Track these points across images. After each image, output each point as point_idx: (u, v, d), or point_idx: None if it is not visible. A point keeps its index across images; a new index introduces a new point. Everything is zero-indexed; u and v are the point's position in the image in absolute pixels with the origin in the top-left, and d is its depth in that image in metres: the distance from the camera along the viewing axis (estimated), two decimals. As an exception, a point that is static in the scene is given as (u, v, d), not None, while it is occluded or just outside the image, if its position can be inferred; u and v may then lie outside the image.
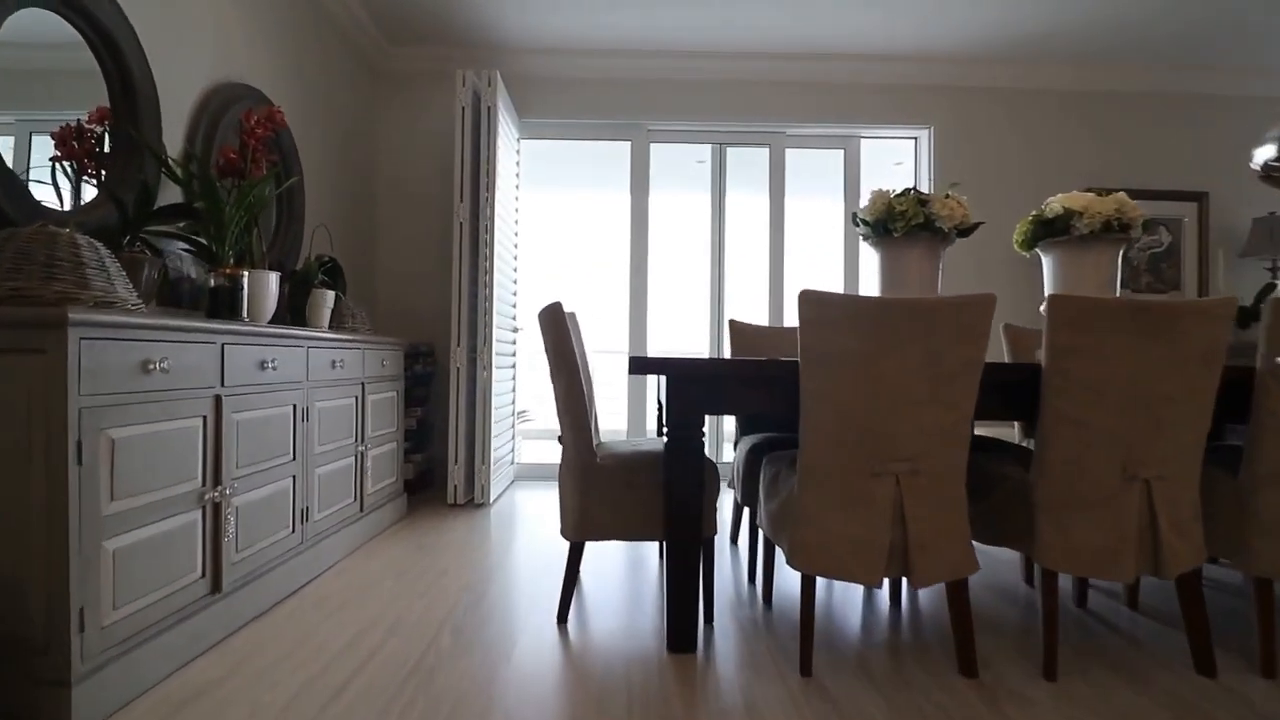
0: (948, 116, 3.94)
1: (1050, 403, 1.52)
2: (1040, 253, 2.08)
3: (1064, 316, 1.48)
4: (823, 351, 1.46)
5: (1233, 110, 4.02)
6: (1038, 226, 2.02)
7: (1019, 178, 3.94)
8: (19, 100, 1.68)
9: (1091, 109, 3.96)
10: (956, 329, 1.44)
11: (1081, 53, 3.73)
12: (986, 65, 3.86)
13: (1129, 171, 3.97)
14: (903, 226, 1.87)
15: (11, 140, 1.66)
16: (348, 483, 2.39)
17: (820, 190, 4.81)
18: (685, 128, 4.01)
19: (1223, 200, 3.97)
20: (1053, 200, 2.02)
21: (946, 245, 1.94)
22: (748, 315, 4.66)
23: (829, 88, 3.94)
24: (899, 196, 1.91)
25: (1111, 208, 1.88)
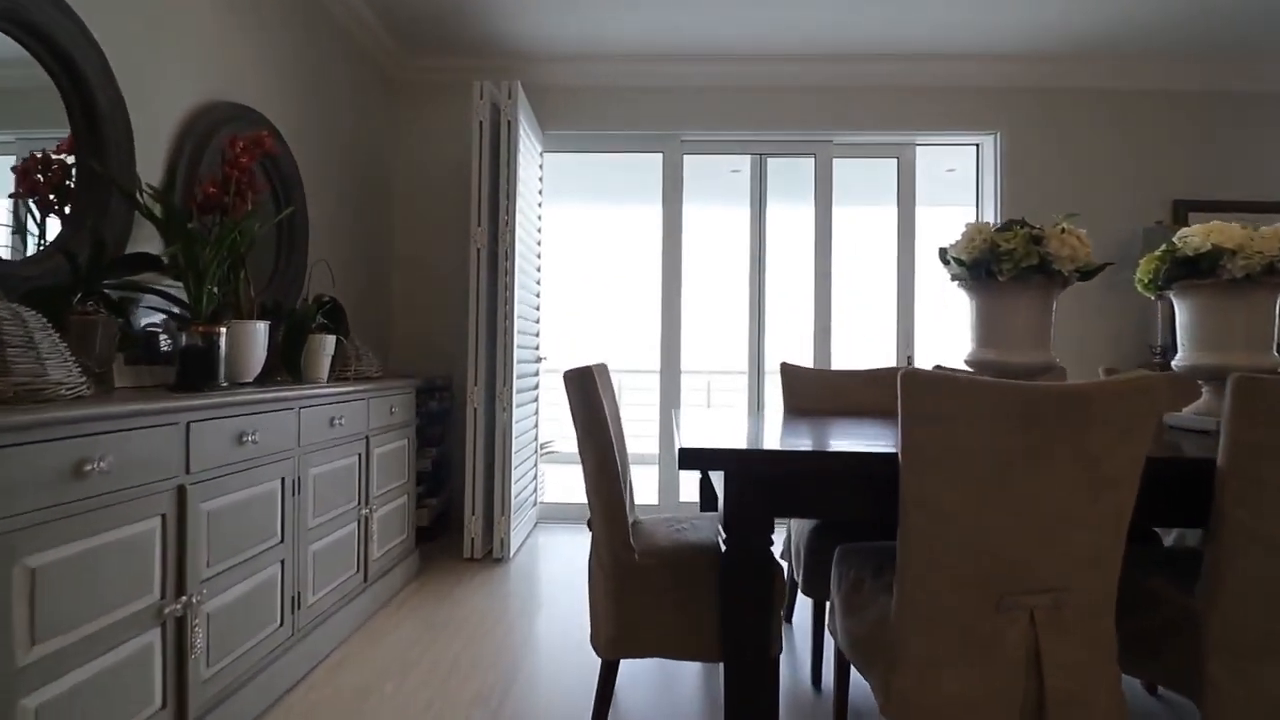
0: (1017, 121, 3.55)
1: (1232, 514, 1.16)
2: (1174, 297, 1.71)
3: (1258, 406, 1.12)
4: (936, 453, 1.12)
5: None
6: (1174, 265, 1.65)
7: (1092, 190, 3.53)
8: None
9: (1174, 111, 3.53)
10: (1120, 422, 1.09)
11: (1172, 47, 3.31)
12: (1060, 63, 3.45)
13: (1220, 182, 3.52)
14: (1010, 269, 1.52)
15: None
16: (349, 553, 2.11)
17: (871, 200, 4.45)
18: (722, 137, 3.68)
19: (1335, 211, 3.50)
20: (1189, 233, 1.65)
21: (1062, 290, 1.59)
22: (791, 336, 4.31)
23: (880, 91, 3.57)
24: (1003, 232, 1.56)
25: (1275, 246, 1.50)
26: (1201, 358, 1.63)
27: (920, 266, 3.73)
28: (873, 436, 1.50)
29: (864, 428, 1.70)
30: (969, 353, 1.68)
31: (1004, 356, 1.59)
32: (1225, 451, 1.16)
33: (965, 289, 1.68)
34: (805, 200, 3.76)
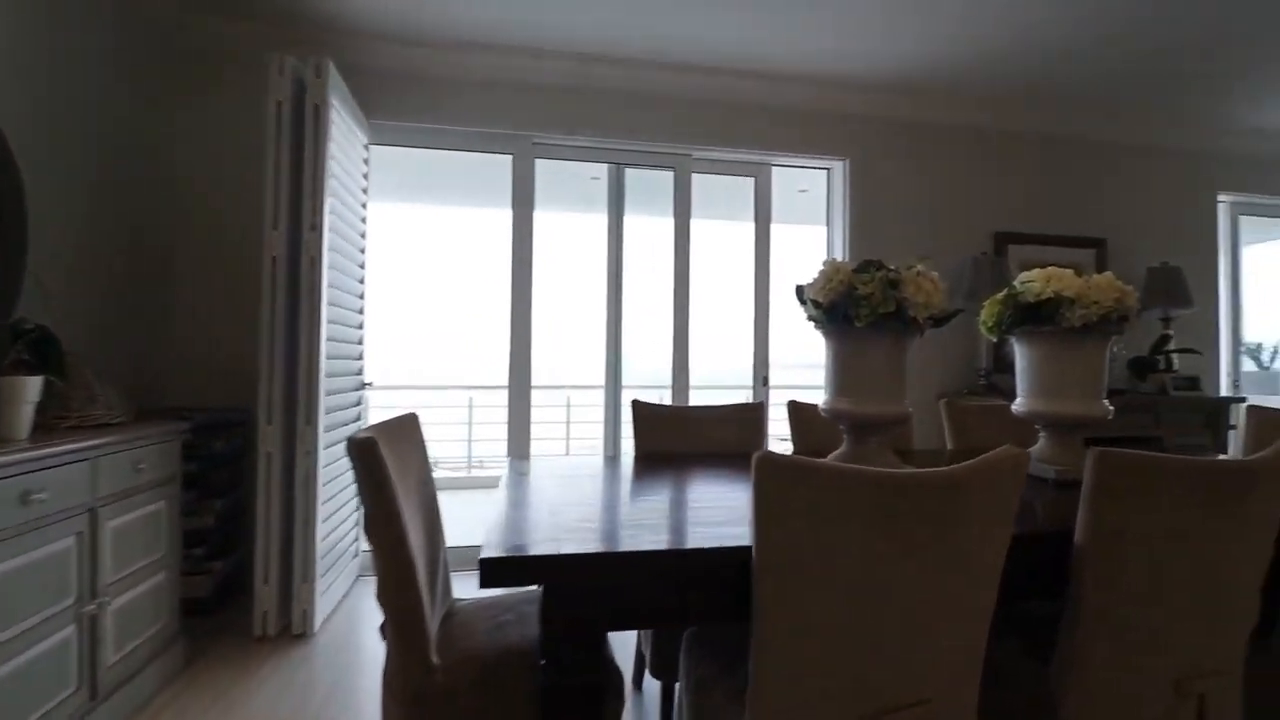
0: (865, 148, 3.64)
1: (1092, 597, 1.08)
2: (1016, 342, 1.69)
3: (1120, 482, 1.04)
4: (796, 554, 0.92)
5: (1130, 158, 4.04)
6: (1016, 311, 1.62)
7: (930, 219, 3.71)
8: None
9: (1002, 150, 3.82)
10: (993, 507, 0.95)
11: (993, 92, 3.55)
12: (907, 97, 3.59)
13: (1035, 216, 3.86)
14: (868, 314, 1.40)
15: None
16: (63, 667, 1.57)
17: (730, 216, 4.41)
18: (577, 143, 3.42)
19: (1118, 249, 3.96)
20: (1029, 278, 1.64)
21: (917, 337, 1.49)
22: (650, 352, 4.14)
23: (739, 109, 3.50)
24: (861, 273, 1.43)
25: (1111, 297, 1.50)
26: (1040, 404, 1.62)
27: (775, 285, 3.72)
28: (733, 503, 1.30)
29: (722, 484, 1.51)
30: (824, 401, 1.54)
31: (860, 407, 1.46)
32: (1085, 529, 1.08)
33: (821, 331, 1.54)
34: (665, 212, 3.60)
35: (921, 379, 3.61)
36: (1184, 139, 4.06)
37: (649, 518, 1.22)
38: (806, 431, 2.06)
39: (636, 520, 1.20)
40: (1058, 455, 1.61)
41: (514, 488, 1.46)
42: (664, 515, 1.25)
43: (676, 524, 1.19)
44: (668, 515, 1.25)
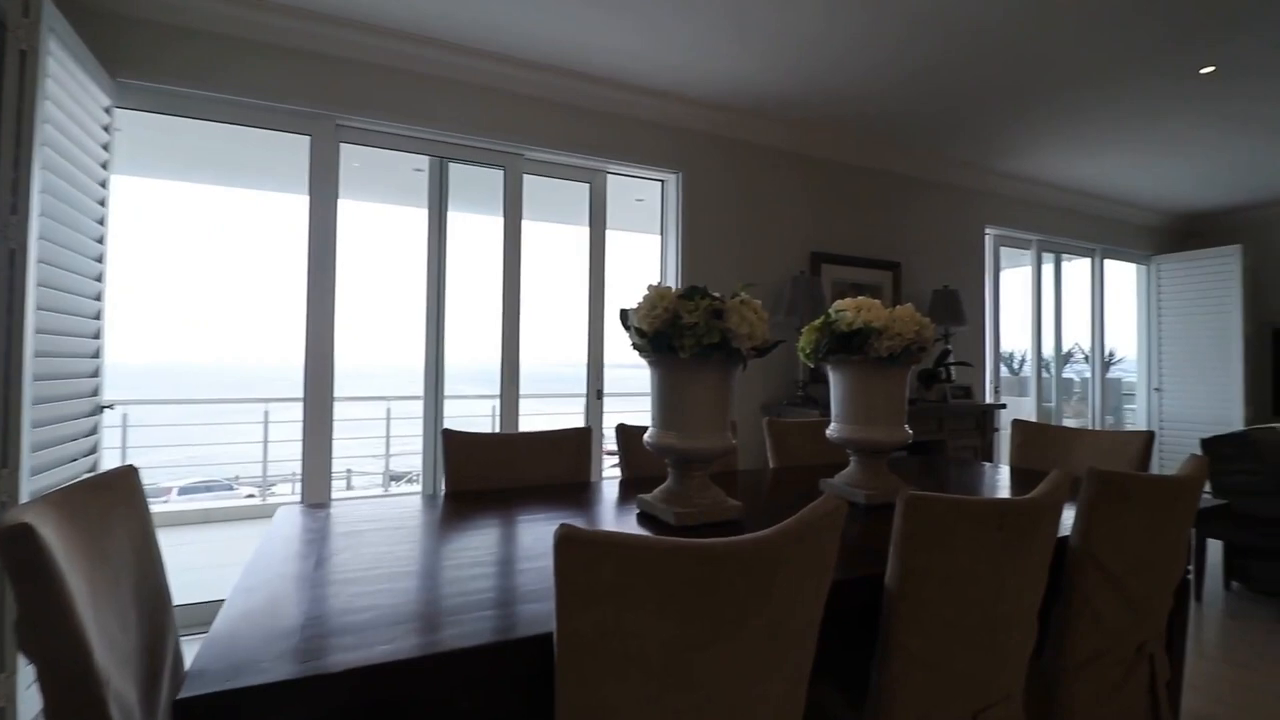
0: (698, 163, 3.68)
1: (902, 640, 1.08)
2: (830, 369, 1.73)
3: (925, 527, 1.04)
4: (600, 643, 0.78)
5: (922, 192, 4.54)
6: (832, 340, 1.65)
7: (756, 236, 3.87)
8: None
9: (819, 175, 4.09)
10: (810, 562, 0.89)
11: (810, 121, 3.78)
12: (735, 116, 3.69)
13: (845, 239, 4.19)
14: (692, 345, 1.31)
15: None
16: None
17: (566, 220, 4.27)
18: (392, 130, 3.06)
19: (911, 272, 4.44)
20: (843, 307, 1.68)
21: (741, 368, 1.44)
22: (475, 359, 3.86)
23: (572, 111, 3.36)
24: (686, 300, 1.35)
25: (913, 329, 1.57)
26: (851, 430, 1.67)
27: (614, 293, 3.65)
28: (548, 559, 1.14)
29: (551, 523, 1.34)
30: (650, 434, 1.45)
31: (685, 441, 1.38)
32: (894, 571, 1.07)
33: (646, 359, 1.44)
34: (495, 211, 3.36)
35: (744, 390, 3.74)
36: (963, 178, 4.66)
37: (459, 592, 1.02)
38: (635, 457, 1.97)
39: (446, 598, 0.99)
40: (868, 479, 1.67)
41: (269, 553, 1.17)
42: (480, 585, 1.06)
43: (503, 595, 1.00)
44: (488, 582, 1.06)
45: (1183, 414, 5.74)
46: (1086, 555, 1.32)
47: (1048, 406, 5.60)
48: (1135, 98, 3.46)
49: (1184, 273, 5.81)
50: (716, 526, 1.37)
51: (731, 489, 1.80)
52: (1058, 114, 3.68)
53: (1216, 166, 4.64)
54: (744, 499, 1.65)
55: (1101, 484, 1.29)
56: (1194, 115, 3.69)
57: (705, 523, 1.39)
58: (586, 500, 1.65)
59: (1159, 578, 1.41)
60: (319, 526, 1.36)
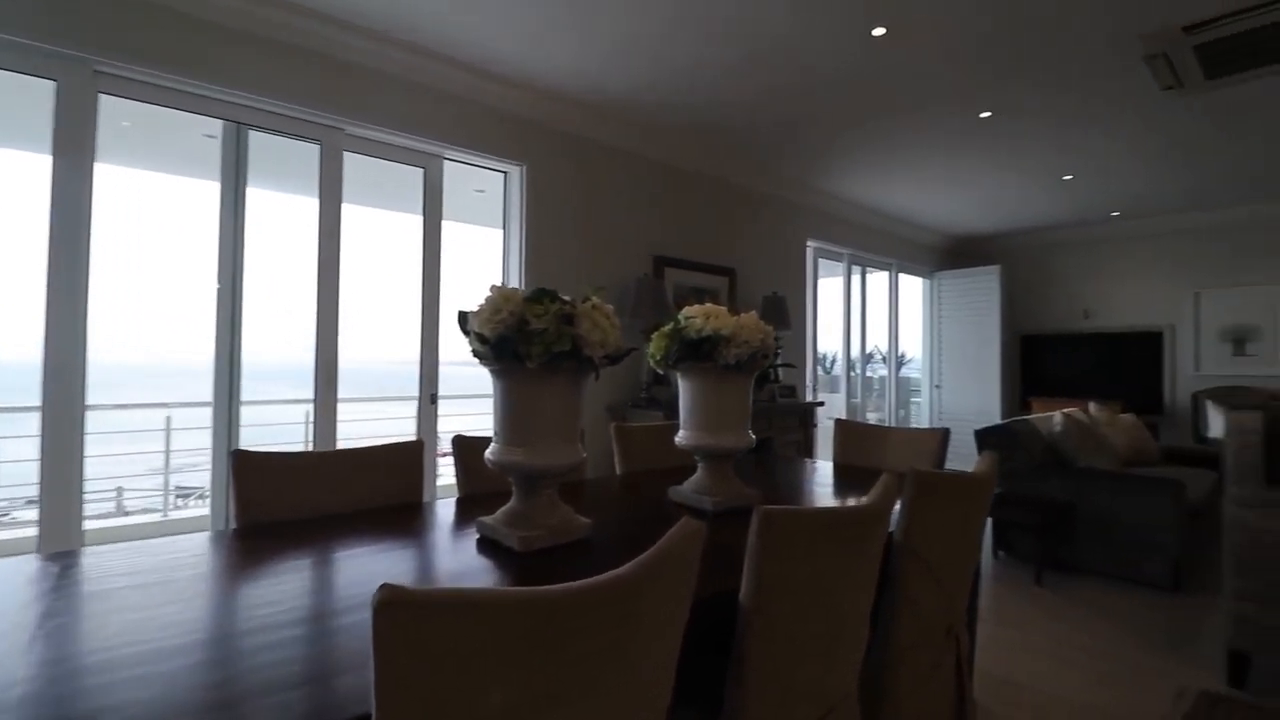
0: (541, 156, 3.54)
1: (757, 654, 1.06)
2: (680, 376, 1.71)
3: (779, 539, 1.03)
4: (429, 713, 0.65)
5: (756, 203, 4.80)
6: (682, 347, 1.63)
7: (601, 235, 3.82)
8: None
9: (664, 179, 4.14)
10: (669, 593, 0.82)
11: (655, 124, 3.82)
12: (581, 111, 3.61)
13: (686, 243, 4.30)
14: (541, 353, 1.20)
15: None
16: None
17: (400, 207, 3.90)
18: (171, 84, 2.54)
19: (744, 278, 4.68)
20: (691, 314, 1.66)
21: (592, 378, 1.36)
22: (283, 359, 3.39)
23: (401, 85, 3.06)
24: (534, 303, 1.23)
25: (758, 337, 1.60)
26: (699, 438, 1.66)
27: (452, 288, 3.38)
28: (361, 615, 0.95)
29: (376, 562, 1.13)
30: (492, 450, 1.31)
31: (533, 458, 1.26)
32: (749, 588, 1.05)
33: (488, 368, 1.30)
34: (311, 190, 2.95)
35: (590, 391, 3.69)
36: (791, 193, 5.02)
37: (251, 667, 0.80)
38: (475, 472, 1.80)
39: (233, 679, 0.77)
40: (715, 485, 1.67)
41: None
42: (282, 655, 0.84)
43: (314, 665, 0.80)
44: (293, 650, 0.85)
45: (957, 407, 6.73)
46: (909, 550, 1.42)
47: (855, 402, 6.25)
48: (931, 134, 3.95)
49: (958, 287, 6.81)
50: (565, 549, 1.27)
51: (579, 501, 1.71)
52: (869, 143, 4.09)
53: (987, 198, 5.49)
54: (593, 512, 1.57)
55: (921, 484, 1.39)
56: (975, 153, 4.30)
57: (553, 545, 1.28)
58: (417, 526, 1.46)
59: (965, 564, 1.57)
60: (50, 588, 1.03)
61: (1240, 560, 2.20)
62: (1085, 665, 2.43)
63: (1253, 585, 2.17)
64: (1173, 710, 2.14)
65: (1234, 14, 2.53)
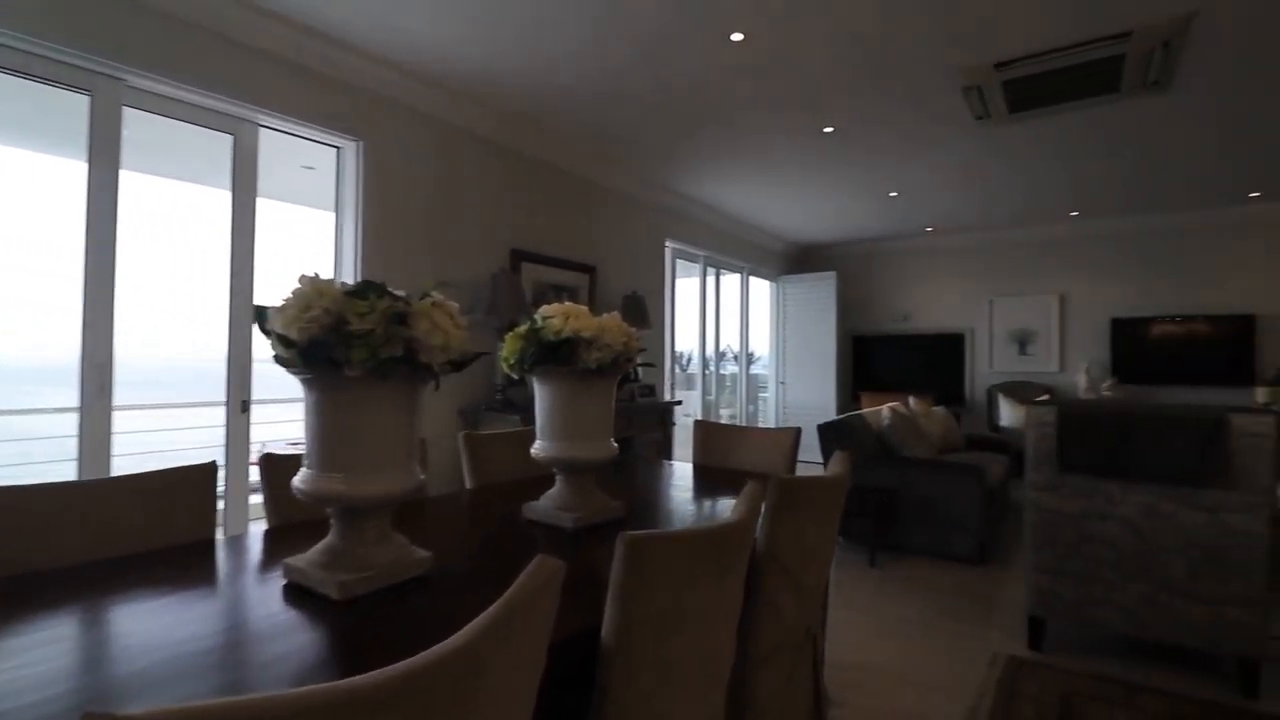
0: (383, 133, 3.18)
1: (621, 694, 0.94)
2: (536, 380, 1.56)
3: (646, 568, 0.92)
4: None
5: (617, 202, 4.73)
6: (539, 349, 1.48)
7: (453, 227, 3.53)
8: None
9: (523, 171, 3.93)
10: (522, 654, 0.68)
11: (515, 111, 3.61)
12: (433, 90, 3.29)
13: (545, 239, 4.12)
14: (365, 358, 0.99)
15: None
16: None
17: (208, 179, 3.33)
18: None
19: (605, 276, 4.60)
20: (549, 314, 1.52)
21: (431, 387, 1.16)
22: (44, 349, 2.77)
23: (209, 37, 2.58)
24: (358, 298, 1.02)
25: (621, 340, 1.49)
26: (559, 448, 1.52)
27: (271, 275, 2.92)
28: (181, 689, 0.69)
29: (133, 629, 0.85)
30: (302, 477, 1.07)
31: (357, 487, 1.05)
32: (613, 625, 0.93)
33: (296, 376, 1.06)
34: (79, 152, 2.38)
35: (436, 395, 3.40)
36: (650, 193, 5.02)
37: None
38: (288, 499, 1.51)
39: None
40: (576, 500, 1.54)
41: None
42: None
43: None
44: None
45: (800, 402, 7.20)
46: (771, 558, 1.39)
47: (710, 399, 6.46)
48: (781, 145, 4.12)
49: (800, 290, 7.29)
50: (398, 591, 1.08)
51: (420, 527, 1.50)
52: (725, 148, 4.18)
53: (827, 210, 5.90)
54: (436, 540, 1.38)
55: (785, 492, 1.37)
56: (818, 166, 4.57)
57: (383, 587, 1.08)
58: (207, 573, 1.17)
59: (823, 565, 1.58)
60: None
61: (1036, 536, 2.50)
62: (914, 639, 2.63)
63: (1047, 560, 2.47)
64: (988, 675, 2.38)
65: (1036, 55, 2.88)
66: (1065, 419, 2.40)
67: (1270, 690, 2.20)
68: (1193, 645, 2.22)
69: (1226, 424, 2.14)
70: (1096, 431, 2.35)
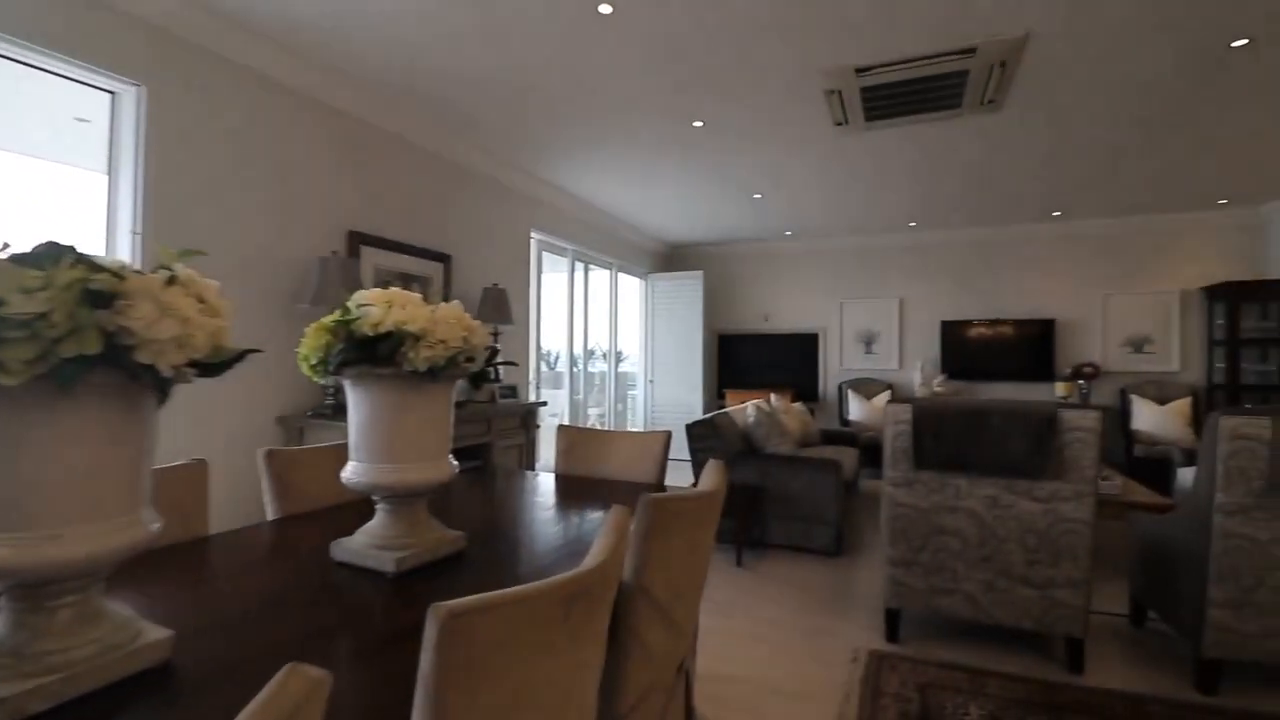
0: (173, 78, 2.59)
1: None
2: (349, 385, 1.24)
3: (470, 655, 0.67)
4: None
5: (477, 186, 4.33)
6: (351, 346, 1.16)
7: (270, 200, 3.00)
8: None
9: (363, 142, 3.43)
10: None
11: (354, 72, 3.13)
12: (240, 33, 2.74)
13: (392, 221, 3.66)
14: (31, 359, 0.65)
15: None
16: None
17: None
18: None
19: (462, 266, 4.21)
20: (366, 300, 1.21)
21: (158, 401, 0.82)
22: None
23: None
24: (30, 266, 0.66)
25: (459, 335, 1.22)
26: (379, 472, 1.21)
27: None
28: None
29: None
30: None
31: (25, 556, 0.69)
32: (426, 692, 0.67)
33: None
34: None
35: (248, 398, 2.86)
36: (514, 180, 4.68)
37: None
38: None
39: None
40: (401, 533, 1.24)
41: None
42: None
43: None
44: None
45: (668, 400, 7.20)
46: (640, 592, 1.19)
47: (578, 399, 6.23)
48: (650, 138, 3.98)
49: (668, 289, 7.29)
50: (115, 695, 0.73)
51: (181, 580, 1.12)
52: (593, 139, 3.97)
53: (695, 209, 5.89)
54: (199, 600, 1.02)
55: (658, 515, 1.18)
56: (687, 163, 4.50)
57: (88, 693, 0.73)
58: None
59: (696, 591, 1.41)
60: None
61: (893, 531, 2.54)
62: (781, 641, 2.59)
63: (902, 553, 2.52)
64: (851, 673, 2.37)
65: (893, 64, 2.95)
66: (919, 417, 2.46)
67: (1093, 664, 2.39)
68: (1029, 628, 2.36)
69: (1057, 419, 2.28)
70: (947, 428, 2.42)
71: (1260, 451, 2.03)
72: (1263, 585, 2.06)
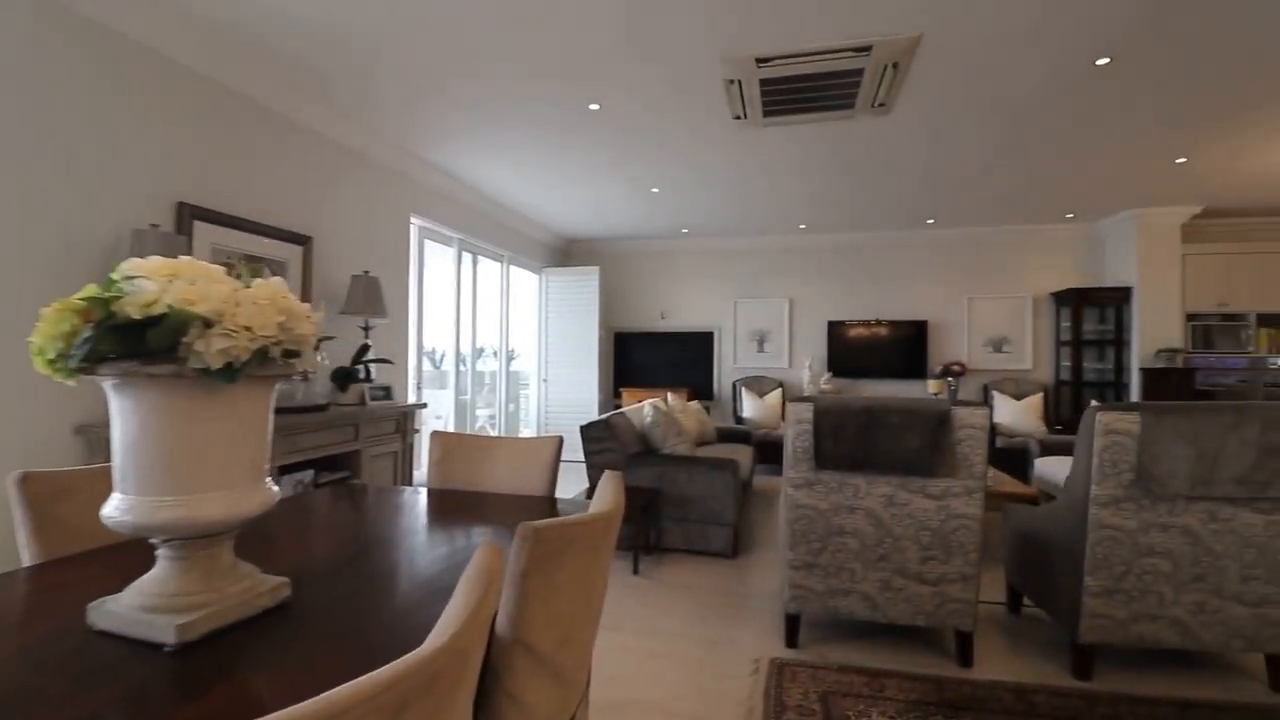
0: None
1: None
2: (109, 388, 0.90)
3: None
4: None
5: (344, 160, 3.84)
6: (104, 332, 0.83)
7: (71, 155, 2.43)
8: None
9: (199, 99, 2.89)
10: None
11: (220, 25, 2.61)
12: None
13: (237, 195, 3.13)
14: None
15: None
16: None
17: None
18: None
19: (325, 250, 3.72)
20: (140, 272, 0.88)
21: None
22: None
23: None
24: None
25: (273, 321, 0.92)
26: (154, 510, 0.88)
27: None
28: None
29: None
30: None
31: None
32: None
33: None
34: None
35: (34, 403, 2.31)
36: (390, 157, 4.23)
37: None
38: None
39: None
40: (188, 587, 0.92)
41: None
42: None
43: None
44: None
45: (563, 400, 6.94)
46: (515, 642, 0.96)
47: (465, 399, 5.82)
48: (543, 117, 3.71)
49: (564, 284, 7.02)
50: None
51: None
52: (482, 116, 3.64)
53: (590, 201, 5.67)
54: None
55: (538, 545, 0.95)
56: (585, 146, 4.26)
57: None
58: None
59: (587, 631, 1.20)
60: None
61: (794, 534, 2.46)
62: (679, 656, 2.43)
63: (802, 556, 2.45)
64: (754, 686, 2.26)
65: (792, 55, 2.89)
66: (820, 416, 2.39)
67: (980, 655, 2.43)
68: (923, 624, 2.35)
69: (949, 417, 2.29)
70: (847, 427, 2.37)
71: (1130, 445, 2.12)
72: (1130, 572, 2.16)
